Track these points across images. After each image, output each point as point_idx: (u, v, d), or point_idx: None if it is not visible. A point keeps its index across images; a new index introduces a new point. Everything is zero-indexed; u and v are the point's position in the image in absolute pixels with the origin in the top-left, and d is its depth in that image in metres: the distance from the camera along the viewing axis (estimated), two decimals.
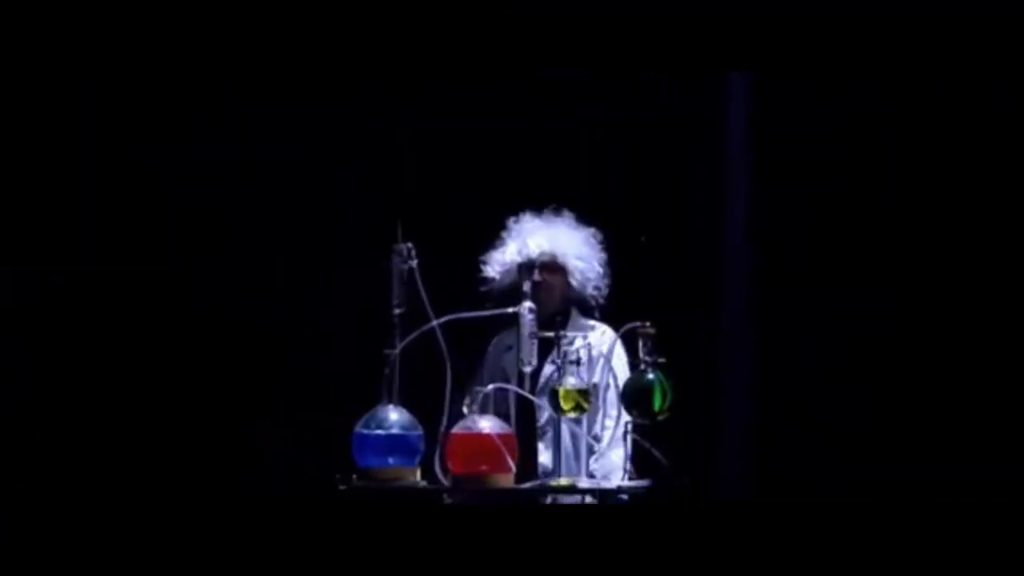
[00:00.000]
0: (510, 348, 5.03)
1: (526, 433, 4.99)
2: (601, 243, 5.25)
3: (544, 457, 5.09)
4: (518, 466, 4.68)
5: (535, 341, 4.85)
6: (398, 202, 5.69)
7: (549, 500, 4.84)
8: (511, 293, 5.00)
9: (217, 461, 5.03)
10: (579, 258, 5.17)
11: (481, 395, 4.69)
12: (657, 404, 4.70)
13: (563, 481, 4.74)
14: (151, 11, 5.12)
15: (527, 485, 4.75)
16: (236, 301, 5.47)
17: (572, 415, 4.76)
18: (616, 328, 5.01)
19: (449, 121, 5.92)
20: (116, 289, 5.48)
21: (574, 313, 5.26)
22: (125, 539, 4.86)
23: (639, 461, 4.78)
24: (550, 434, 4.91)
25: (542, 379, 5.00)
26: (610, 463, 4.93)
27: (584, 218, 5.26)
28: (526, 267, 4.98)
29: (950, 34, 5.06)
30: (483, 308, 4.92)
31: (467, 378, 4.94)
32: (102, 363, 5.56)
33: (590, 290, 5.18)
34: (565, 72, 5.64)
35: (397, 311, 4.69)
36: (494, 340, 5.26)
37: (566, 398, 4.76)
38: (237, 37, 5.32)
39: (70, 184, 5.69)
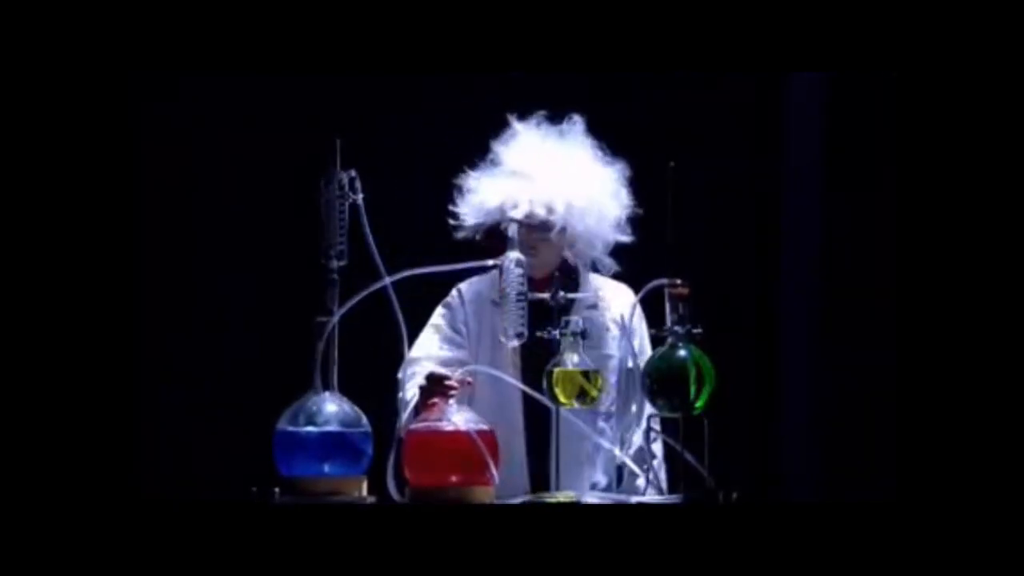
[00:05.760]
0: (496, 304, 4.27)
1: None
2: (624, 179, 4.43)
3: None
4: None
5: (524, 305, 4.02)
6: (339, 111, 5.24)
7: None
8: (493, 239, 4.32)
9: (95, 464, 4.09)
10: (587, 221, 4.37)
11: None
12: (692, 391, 3.88)
13: (562, 496, 3.94)
14: None
15: (514, 502, 3.99)
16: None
17: (575, 406, 3.94)
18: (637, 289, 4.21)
19: None
20: None
21: (581, 269, 4.51)
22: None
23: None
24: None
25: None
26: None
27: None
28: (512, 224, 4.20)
29: None
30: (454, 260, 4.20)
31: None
32: None
33: (596, 254, 4.43)
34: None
35: (335, 263, 3.98)
36: (462, 286, 4.54)
37: (564, 383, 3.91)
38: None
39: None
